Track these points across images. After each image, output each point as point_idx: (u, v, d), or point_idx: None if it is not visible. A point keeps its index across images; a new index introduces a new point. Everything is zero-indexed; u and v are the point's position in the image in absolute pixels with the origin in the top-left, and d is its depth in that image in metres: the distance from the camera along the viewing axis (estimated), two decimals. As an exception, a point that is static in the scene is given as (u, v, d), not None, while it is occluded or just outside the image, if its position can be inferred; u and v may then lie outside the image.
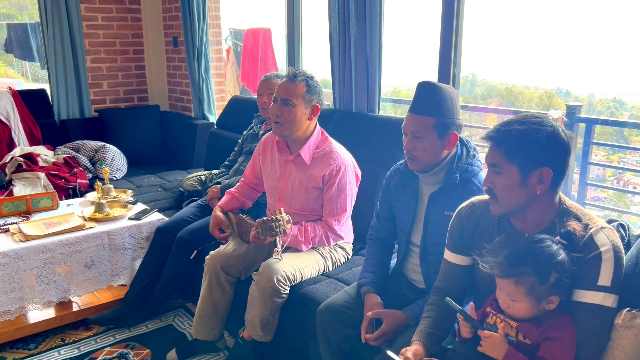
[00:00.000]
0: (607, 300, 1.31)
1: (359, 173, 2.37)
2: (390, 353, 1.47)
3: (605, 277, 1.31)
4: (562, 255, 1.30)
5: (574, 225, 1.38)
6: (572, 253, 1.33)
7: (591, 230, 1.36)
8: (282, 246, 2.13)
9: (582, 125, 4.25)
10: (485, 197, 1.55)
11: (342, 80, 3.06)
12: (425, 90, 1.77)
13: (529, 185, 1.38)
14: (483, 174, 1.82)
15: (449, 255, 1.64)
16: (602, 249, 1.32)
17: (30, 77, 8.92)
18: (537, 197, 1.40)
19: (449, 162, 1.81)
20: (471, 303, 1.47)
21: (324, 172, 2.24)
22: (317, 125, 2.34)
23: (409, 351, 1.47)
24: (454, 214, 1.64)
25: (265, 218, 2.08)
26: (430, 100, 1.75)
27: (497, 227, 1.52)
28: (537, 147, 1.36)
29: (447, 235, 1.65)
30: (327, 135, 2.36)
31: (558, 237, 1.35)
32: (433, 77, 2.75)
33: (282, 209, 2.12)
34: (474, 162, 1.82)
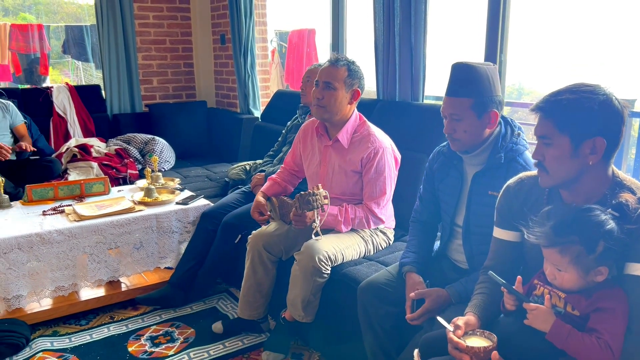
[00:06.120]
0: None
1: (399, 156, 2.37)
2: (440, 319, 1.45)
3: None
4: (611, 224, 1.26)
5: (627, 197, 1.33)
6: (625, 225, 1.28)
7: None
8: (320, 221, 2.15)
9: (636, 123, 4.06)
10: (534, 172, 1.52)
11: (386, 70, 3.06)
12: (459, 71, 1.76)
13: (580, 156, 1.34)
14: (528, 153, 1.79)
15: (497, 232, 1.61)
16: None
17: (85, 83, 9.34)
18: (588, 168, 1.35)
19: (493, 142, 1.78)
20: (519, 277, 1.44)
21: (362, 155, 2.25)
22: (356, 110, 2.36)
23: (461, 320, 1.44)
24: (502, 190, 1.61)
25: (303, 192, 2.11)
26: (466, 81, 1.73)
27: (546, 200, 1.48)
28: (589, 116, 1.32)
29: (495, 213, 1.62)
30: (365, 119, 2.38)
31: (609, 209, 1.31)
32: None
33: (320, 184, 2.14)
34: (519, 141, 1.79)
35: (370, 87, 3.02)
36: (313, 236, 2.16)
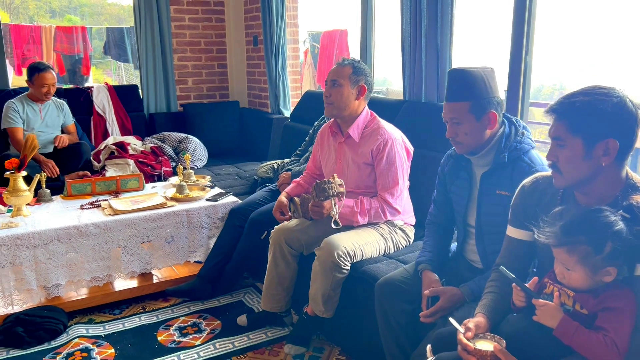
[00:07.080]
0: None
1: (411, 148, 2.45)
2: (452, 321, 1.49)
3: None
4: (620, 226, 1.27)
5: (638, 198, 1.34)
6: (635, 226, 1.29)
7: None
8: (339, 207, 2.22)
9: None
10: (550, 172, 1.53)
11: (412, 71, 3.09)
12: (455, 76, 1.81)
13: (593, 158, 1.36)
14: (534, 152, 1.81)
15: (511, 231, 1.64)
16: None
17: (126, 83, 9.67)
18: (602, 169, 1.37)
19: (498, 142, 1.81)
20: (535, 277, 1.46)
21: (372, 147, 2.35)
22: (367, 107, 2.46)
23: (472, 322, 1.47)
24: (518, 189, 1.63)
25: (318, 181, 2.20)
26: (461, 86, 1.78)
27: (559, 201, 1.50)
28: (602, 117, 1.33)
29: (510, 211, 1.65)
30: (375, 115, 2.48)
31: (621, 211, 1.32)
32: (504, 66, 2.72)
33: (335, 174, 2.23)
34: (523, 139, 1.81)
35: (397, 88, 3.07)
36: (332, 225, 2.22)
